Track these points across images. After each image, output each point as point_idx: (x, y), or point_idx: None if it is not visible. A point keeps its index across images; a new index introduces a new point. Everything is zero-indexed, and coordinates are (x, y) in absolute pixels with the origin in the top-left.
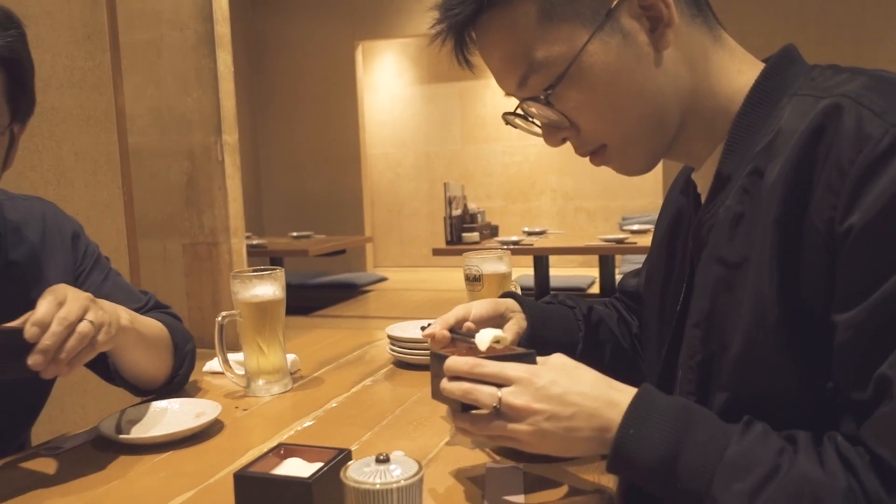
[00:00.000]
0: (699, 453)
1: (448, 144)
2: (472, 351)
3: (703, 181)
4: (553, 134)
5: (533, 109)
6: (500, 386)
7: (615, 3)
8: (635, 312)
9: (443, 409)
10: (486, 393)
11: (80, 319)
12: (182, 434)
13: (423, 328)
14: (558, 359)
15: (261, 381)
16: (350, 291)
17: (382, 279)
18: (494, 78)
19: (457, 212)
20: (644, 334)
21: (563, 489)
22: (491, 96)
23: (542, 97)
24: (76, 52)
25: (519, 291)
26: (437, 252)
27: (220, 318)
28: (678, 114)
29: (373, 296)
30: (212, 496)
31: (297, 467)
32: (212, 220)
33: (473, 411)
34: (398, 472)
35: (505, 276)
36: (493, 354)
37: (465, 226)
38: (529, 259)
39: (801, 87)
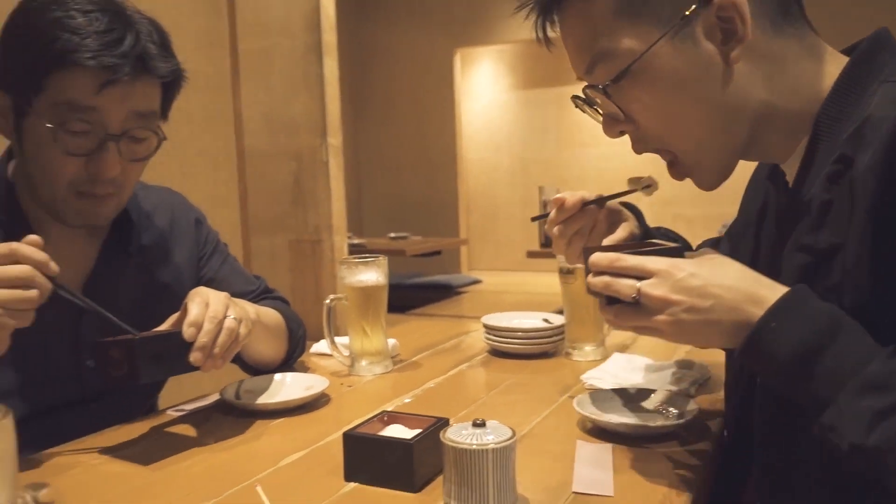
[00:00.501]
0: (839, 361)
1: (544, 149)
2: (623, 245)
3: (790, 169)
4: (611, 125)
5: (596, 98)
6: (641, 279)
7: (692, 8)
8: None
9: (536, 392)
10: (625, 285)
11: (225, 316)
12: (294, 403)
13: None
14: (705, 252)
15: (364, 362)
16: (445, 292)
17: (477, 281)
18: (569, 58)
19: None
20: None
21: (652, 468)
22: None
23: (601, 87)
24: (200, 58)
25: None
26: (531, 254)
27: (328, 301)
28: (747, 125)
29: (467, 297)
30: (322, 455)
31: (400, 431)
32: (316, 219)
33: (617, 304)
34: (492, 436)
35: None
36: (639, 250)
37: None
38: None
39: (891, 73)
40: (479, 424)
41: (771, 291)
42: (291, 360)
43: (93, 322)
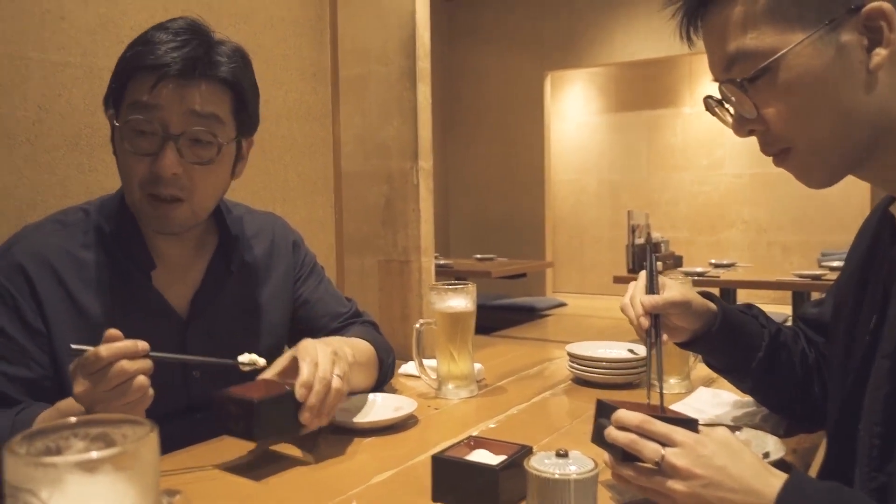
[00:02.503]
0: None
1: (633, 173)
2: (640, 407)
3: None
4: (742, 124)
5: (729, 96)
6: (663, 444)
7: (841, 13)
8: (813, 343)
9: None
10: (651, 448)
11: (333, 375)
12: (384, 423)
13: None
14: (723, 433)
15: (450, 385)
16: (529, 315)
17: (562, 304)
18: (708, 59)
19: (640, 240)
20: (828, 364)
21: None
22: (682, 125)
23: (739, 81)
24: (304, 87)
25: None
26: (617, 280)
27: (417, 325)
28: (871, 134)
29: (552, 320)
30: (410, 475)
31: (486, 456)
32: (405, 240)
33: (635, 462)
34: (575, 466)
35: None
36: (660, 416)
37: None
38: (717, 290)
39: None
40: (562, 455)
41: (780, 481)
42: (381, 386)
43: (198, 331)
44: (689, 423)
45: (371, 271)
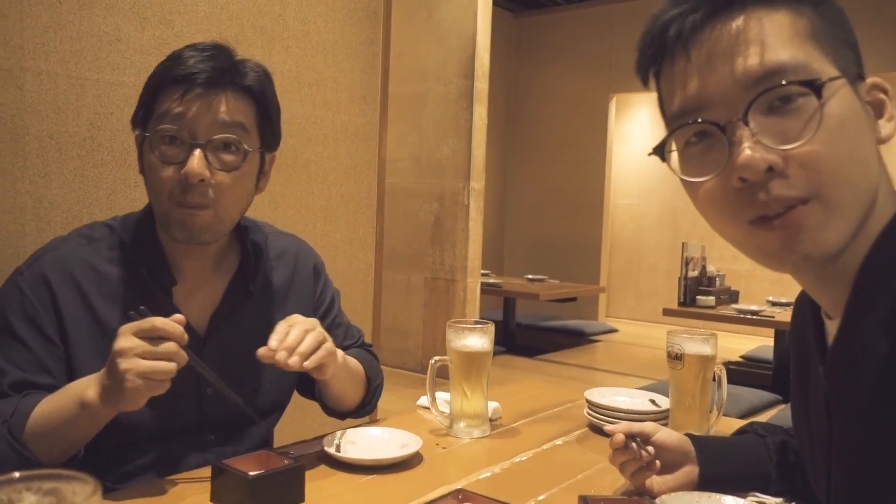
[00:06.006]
0: None
1: None
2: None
3: (832, 322)
4: (762, 156)
5: (755, 118)
6: None
7: (857, 72)
8: None
9: (624, 482)
10: None
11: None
12: (387, 461)
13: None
14: None
15: (462, 424)
16: (578, 339)
17: (613, 330)
18: (699, 80)
19: (693, 273)
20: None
21: None
22: None
23: (785, 95)
24: (352, 109)
25: (724, 375)
26: (667, 312)
27: (433, 361)
28: (871, 208)
29: (601, 346)
30: None
31: None
32: (452, 259)
33: None
34: None
35: (708, 359)
36: None
37: (701, 288)
38: (771, 330)
39: None
40: None
41: None
42: (369, 407)
43: (215, 350)
44: None
45: (417, 288)
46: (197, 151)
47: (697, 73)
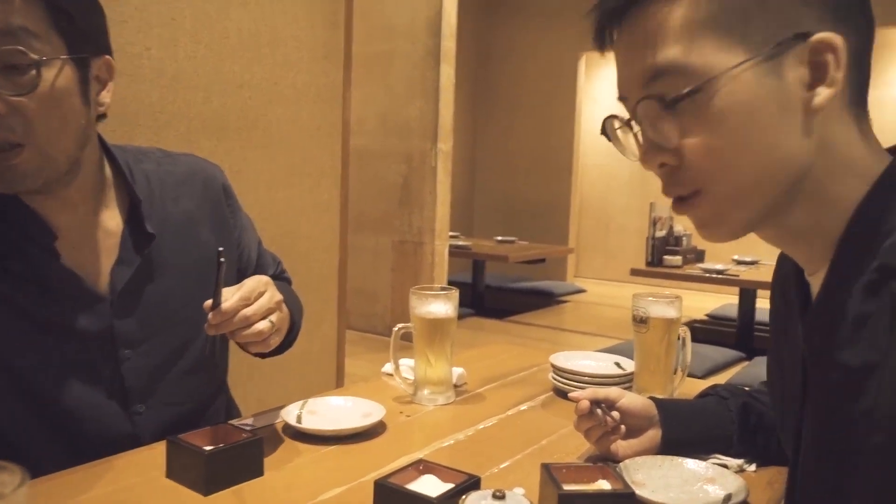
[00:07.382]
0: None
1: None
2: (588, 470)
3: (815, 280)
4: (653, 154)
5: (645, 118)
6: None
7: (788, 37)
8: None
9: (587, 446)
10: None
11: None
12: (349, 431)
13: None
14: None
15: (426, 391)
16: (546, 299)
17: (581, 290)
18: (618, 70)
19: (661, 233)
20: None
21: None
22: None
23: (668, 99)
24: (315, 69)
25: (689, 337)
26: (634, 272)
27: (396, 329)
28: (791, 185)
29: (569, 307)
30: (359, 494)
31: (431, 484)
32: (420, 221)
33: None
34: None
35: (672, 322)
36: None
37: (668, 248)
38: (737, 289)
39: None
40: (498, 497)
41: None
42: (288, 346)
43: (128, 310)
44: (623, 497)
45: (385, 251)
46: None
47: (617, 63)
